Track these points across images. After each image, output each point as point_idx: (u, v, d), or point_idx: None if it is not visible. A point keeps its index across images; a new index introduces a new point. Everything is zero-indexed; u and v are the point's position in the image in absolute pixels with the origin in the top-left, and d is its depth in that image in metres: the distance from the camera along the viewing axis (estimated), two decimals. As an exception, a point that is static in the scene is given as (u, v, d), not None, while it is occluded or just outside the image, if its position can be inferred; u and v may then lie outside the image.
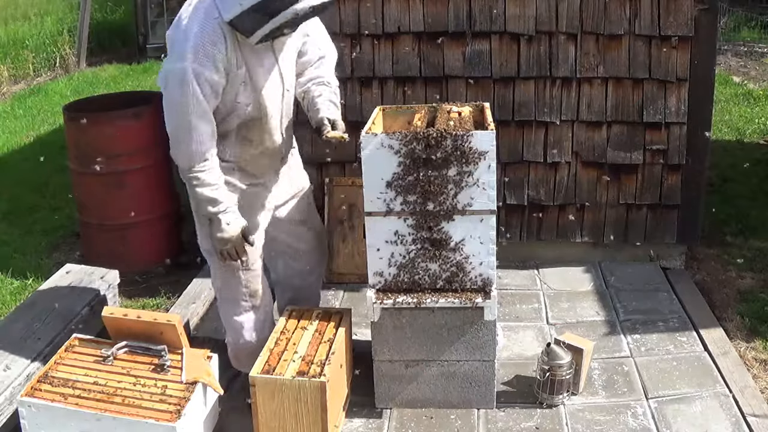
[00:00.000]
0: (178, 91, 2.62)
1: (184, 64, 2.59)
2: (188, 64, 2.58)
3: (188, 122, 2.65)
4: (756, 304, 3.86)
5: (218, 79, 2.65)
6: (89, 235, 4.49)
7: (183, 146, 2.70)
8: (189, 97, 2.61)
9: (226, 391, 3.04)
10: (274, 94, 2.84)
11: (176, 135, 2.71)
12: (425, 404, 3.10)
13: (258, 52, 2.73)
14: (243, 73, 2.71)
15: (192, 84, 2.60)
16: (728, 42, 9.76)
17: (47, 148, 6.78)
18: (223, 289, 3.08)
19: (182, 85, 2.60)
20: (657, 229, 4.18)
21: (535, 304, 3.92)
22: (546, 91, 4.03)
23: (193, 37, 2.59)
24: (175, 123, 2.69)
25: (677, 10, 3.84)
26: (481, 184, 2.84)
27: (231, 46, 2.64)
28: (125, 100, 4.57)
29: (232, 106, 2.76)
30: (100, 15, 11.63)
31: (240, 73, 2.70)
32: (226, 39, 2.62)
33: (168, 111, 2.70)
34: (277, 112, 2.88)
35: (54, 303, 3.47)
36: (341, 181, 4.12)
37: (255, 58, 2.73)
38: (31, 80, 9.74)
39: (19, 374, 2.98)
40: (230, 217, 2.80)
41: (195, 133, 2.66)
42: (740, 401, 3.07)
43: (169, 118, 2.70)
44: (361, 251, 4.01)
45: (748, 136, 6.61)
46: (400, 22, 3.98)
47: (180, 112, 2.65)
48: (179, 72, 2.60)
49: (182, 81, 2.60)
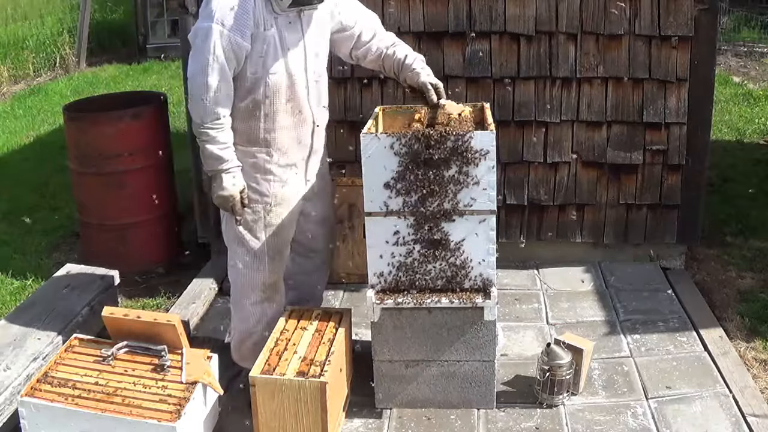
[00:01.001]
0: (201, 47, 2.75)
1: (210, 24, 2.73)
2: (215, 24, 2.73)
3: (206, 79, 2.76)
4: (756, 304, 3.86)
5: (242, 43, 2.77)
6: (89, 235, 4.49)
7: (199, 101, 2.80)
8: (210, 56, 2.74)
9: (226, 391, 3.04)
10: (299, 63, 2.91)
11: (194, 89, 2.82)
12: (425, 404, 3.10)
13: (287, 20, 2.84)
14: (272, 34, 2.81)
15: (215, 43, 2.73)
16: (728, 42, 9.76)
17: (47, 148, 6.79)
18: (245, 276, 3.10)
19: (205, 43, 2.74)
20: (657, 229, 4.18)
21: (535, 304, 3.92)
22: (546, 91, 4.03)
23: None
24: (195, 77, 2.79)
25: (677, 10, 3.84)
26: (481, 184, 2.84)
27: (262, 8, 2.77)
28: (125, 100, 4.57)
29: (259, 75, 2.84)
30: (100, 15, 11.63)
31: (269, 34, 2.81)
32: (256, 2, 2.76)
33: (191, 65, 2.81)
34: (302, 82, 2.94)
35: (54, 303, 3.47)
36: (341, 181, 4.11)
37: (284, 26, 2.84)
38: (31, 80, 9.74)
39: (19, 374, 2.98)
40: (232, 177, 2.89)
41: (211, 90, 2.77)
42: (740, 401, 3.06)
43: (190, 71, 2.82)
44: (361, 251, 4.01)
45: (748, 136, 6.61)
46: (400, 22, 3.98)
47: (200, 68, 2.76)
48: (205, 30, 2.75)
49: (206, 38, 2.74)
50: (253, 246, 3.04)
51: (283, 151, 2.98)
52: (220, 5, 2.73)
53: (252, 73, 2.84)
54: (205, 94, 2.77)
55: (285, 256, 3.15)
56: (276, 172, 2.99)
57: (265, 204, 3.01)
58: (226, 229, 3.09)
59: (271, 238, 3.05)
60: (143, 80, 9.38)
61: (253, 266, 3.07)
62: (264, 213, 3.02)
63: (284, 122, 2.94)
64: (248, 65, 2.82)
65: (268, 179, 2.99)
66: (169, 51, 10.21)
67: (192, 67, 2.80)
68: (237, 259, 3.09)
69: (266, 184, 2.99)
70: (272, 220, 3.04)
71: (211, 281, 4.13)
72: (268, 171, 2.98)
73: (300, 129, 3.00)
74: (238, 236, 3.04)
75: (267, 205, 3.01)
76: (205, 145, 2.85)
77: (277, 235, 3.07)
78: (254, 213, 3.01)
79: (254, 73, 2.84)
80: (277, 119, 2.92)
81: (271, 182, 3.00)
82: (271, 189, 3.00)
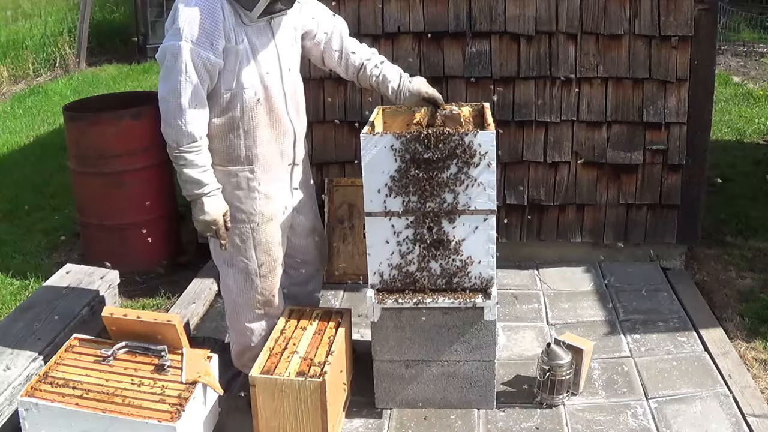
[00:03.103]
0: (171, 68, 2.63)
1: (179, 42, 2.61)
2: (184, 42, 2.61)
3: (178, 100, 2.64)
4: (756, 304, 3.86)
5: (215, 59, 2.66)
6: (89, 235, 4.49)
7: (173, 124, 2.68)
8: (182, 76, 2.62)
9: (226, 391, 3.04)
10: (274, 73, 2.83)
11: (167, 113, 2.68)
12: (425, 404, 3.10)
13: (258, 30, 2.76)
14: (244, 48, 2.72)
15: (186, 62, 2.61)
16: (728, 42, 9.77)
17: (47, 148, 6.79)
18: (238, 295, 3.04)
19: (176, 62, 2.62)
20: (657, 229, 4.18)
21: (535, 304, 3.92)
22: (546, 91, 4.03)
23: (192, 13, 2.61)
24: (167, 100, 2.67)
25: (677, 10, 3.84)
26: (481, 184, 2.84)
27: (231, 21, 2.67)
28: (125, 100, 4.57)
29: (234, 90, 2.75)
30: (100, 15, 11.64)
31: (241, 48, 2.71)
32: (225, 15, 2.65)
33: (162, 87, 2.68)
34: (279, 93, 2.86)
35: (54, 303, 3.47)
36: (341, 181, 4.12)
37: (255, 36, 2.76)
38: (31, 80, 9.74)
39: (19, 374, 2.98)
40: (214, 200, 2.78)
41: (186, 112, 2.65)
42: (740, 401, 3.07)
43: (161, 94, 2.69)
44: (361, 251, 4.01)
45: (748, 136, 6.61)
46: (400, 22, 3.98)
47: (172, 89, 2.65)
48: (175, 49, 2.62)
49: (176, 58, 2.62)
50: (244, 266, 2.97)
51: (267, 166, 2.90)
52: (188, 21, 2.60)
53: (226, 89, 2.74)
54: (179, 117, 2.65)
55: (278, 273, 3.07)
56: (260, 189, 2.90)
57: (251, 223, 2.92)
58: (214, 251, 3.02)
59: (261, 256, 2.98)
60: (143, 80, 9.37)
61: (246, 286, 3.01)
62: (251, 232, 2.93)
63: (265, 136, 2.86)
64: (222, 82, 2.72)
65: (253, 197, 2.90)
66: (169, 51, 10.20)
67: (163, 89, 2.67)
68: (229, 280, 3.03)
69: (251, 202, 2.90)
70: (261, 238, 2.96)
71: (211, 281, 4.13)
72: (252, 189, 2.89)
73: (282, 141, 2.93)
74: (227, 257, 2.97)
75: (254, 224, 2.93)
76: (182, 170, 2.72)
77: (268, 252, 2.99)
78: (241, 234, 2.93)
79: (229, 88, 2.74)
80: (258, 134, 2.84)
81: (255, 200, 2.91)
82: (257, 207, 2.91)
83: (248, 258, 2.97)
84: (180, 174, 2.76)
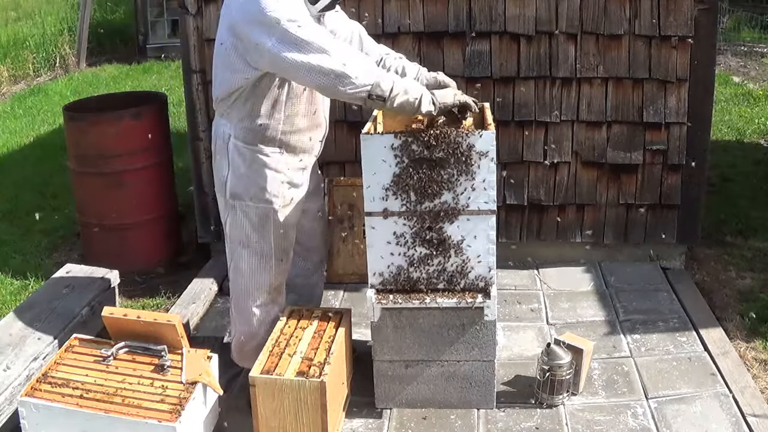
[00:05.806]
0: (296, 43, 2.57)
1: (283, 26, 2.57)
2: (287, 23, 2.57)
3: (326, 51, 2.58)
4: (756, 304, 3.86)
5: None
6: (89, 235, 4.49)
7: (350, 66, 2.60)
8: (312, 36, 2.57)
9: (226, 391, 3.04)
10: None
11: (336, 76, 2.61)
12: (425, 404, 3.10)
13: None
14: None
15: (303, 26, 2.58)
16: (728, 42, 9.77)
17: (47, 148, 6.78)
18: (250, 278, 3.05)
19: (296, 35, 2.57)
20: (657, 229, 4.18)
21: (535, 304, 3.92)
22: (546, 91, 4.03)
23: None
24: (320, 65, 2.59)
25: (677, 10, 3.84)
26: (481, 184, 2.84)
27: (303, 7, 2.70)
28: (125, 100, 4.57)
29: None
30: (100, 15, 11.63)
31: None
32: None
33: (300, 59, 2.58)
34: None
35: (54, 303, 3.47)
36: (341, 181, 4.12)
37: None
38: (31, 80, 9.73)
39: (19, 374, 2.98)
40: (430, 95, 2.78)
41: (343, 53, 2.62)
42: (740, 401, 3.07)
43: (307, 66, 2.59)
44: (361, 251, 4.01)
45: (748, 136, 6.61)
46: (400, 22, 3.98)
47: (316, 55, 2.58)
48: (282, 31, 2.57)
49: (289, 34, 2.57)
50: (261, 248, 2.99)
51: (296, 153, 2.96)
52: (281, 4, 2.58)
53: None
54: (347, 62, 2.59)
55: (290, 257, 3.13)
56: (287, 173, 2.96)
57: (274, 205, 2.95)
58: (230, 231, 3.02)
59: (279, 240, 3.01)
60: (143, 80, 9.37)
61: (259, 269, 3.02)
62: (273, 214, 2.96)
63: (301, 125, 2.92)
64: None
65: (280, 180, 2.94)
66: (169, 51, 10.20)
67: (306, 66, 2.57)
68: (241, 262, 3.03)
69: (276, 184, 2.93)
70: (281, 221, 2.99)
71: (211, 281, 4.14)
72: (280, 171, 2.93)
73: (314, 133, 2.99)
74: (244, 238, 2.99)
75: (276, 206, 2.96)
76: (395, 99, 2.66)
77: (285, 236, 3.03)
78: (263, 214, 2.95)
79: None
80: (296, 122, 2.89)
81: (282, 183, 2.95)
82: (282, 190, 2.96)
83: (266, 240, 2.99)
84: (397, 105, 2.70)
